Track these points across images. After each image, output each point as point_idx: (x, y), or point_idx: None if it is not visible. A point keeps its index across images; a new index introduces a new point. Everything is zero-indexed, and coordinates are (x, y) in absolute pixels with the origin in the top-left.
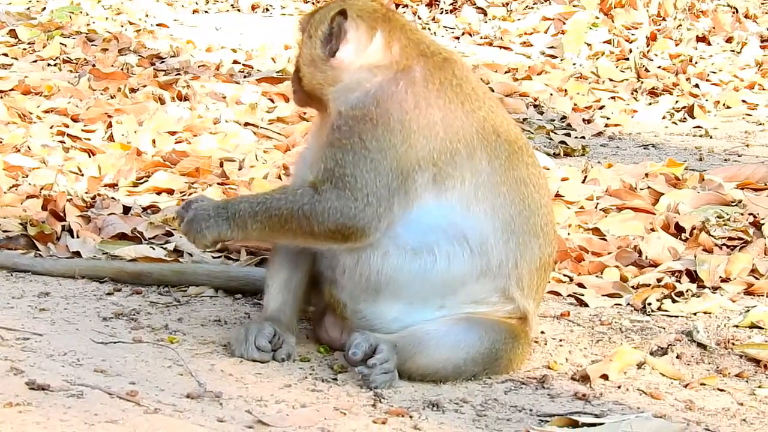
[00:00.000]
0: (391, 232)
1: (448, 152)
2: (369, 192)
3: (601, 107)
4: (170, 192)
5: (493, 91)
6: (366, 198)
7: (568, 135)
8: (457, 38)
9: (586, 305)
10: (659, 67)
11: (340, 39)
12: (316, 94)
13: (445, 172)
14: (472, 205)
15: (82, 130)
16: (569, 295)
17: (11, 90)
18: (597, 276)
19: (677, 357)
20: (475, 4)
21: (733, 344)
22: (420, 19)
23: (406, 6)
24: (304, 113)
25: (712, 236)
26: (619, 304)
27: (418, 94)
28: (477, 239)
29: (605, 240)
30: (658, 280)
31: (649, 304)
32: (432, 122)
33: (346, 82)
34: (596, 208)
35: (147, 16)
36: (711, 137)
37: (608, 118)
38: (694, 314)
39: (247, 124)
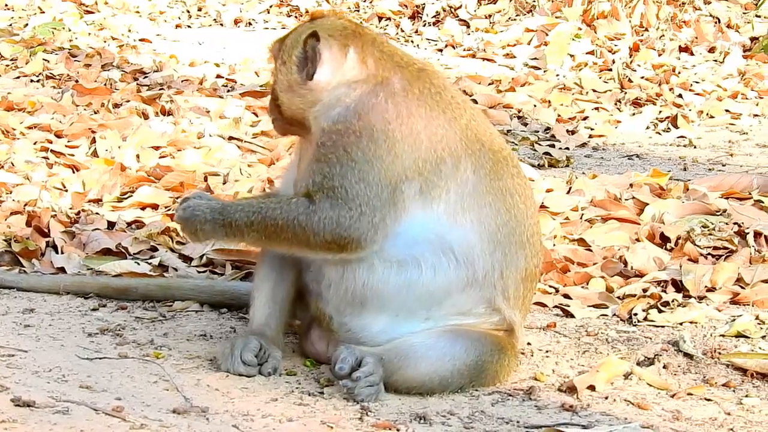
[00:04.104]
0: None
1: (434, 161)
2: (362, 202)
3: (585, 118)
4: (155, 207)
5: (476, 102)
6: (360, 207)
7: (553, 146)
8: (440, 50)
9: (573, 316)
10: (642, 77)
11: (316, 61)
12: (297, 118)
13: (432, 182)
14: (458, 216)
15: (66, 146)
16: (555, 306)
17: None
18: (583, 287)
19: (664, 367)
20: (457, 17)
21: (720, 354)
22: (403, 31)
23: (389, 19)
24: None
25: (698, 246)
26: (605, 315)
27: (398, 104)
28: (463, 250)
29: (591, 251)
30: (644, 291)
31: (635, 314)
32: (415, 131)
33: (326, 100)
34: (581, 218)
35: (130, 31)
36: (695, 147)
37: (592, 129)
38: (680, 324)
39: (231, 138)
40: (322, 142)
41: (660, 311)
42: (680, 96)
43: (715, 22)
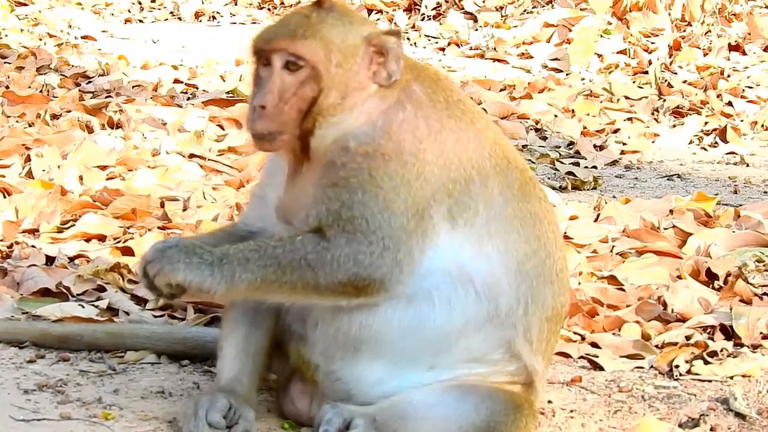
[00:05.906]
0: None
1: (463, 180)
2: (384, 235)
3: (616, 131)
4: (101, 238)
5: (486, 112)
6: (381, 242)
7: (577, 164)
8: (442, 49)
9: (602, 369)
10: (685, 81)
11: (401, 60)
12: (309, 131)
13: (461, 203)
14: (483, 242)
15: None
16: (581, 357)
17: None
18: (614, 333)
19: (711, 429)
20: (463, 9)
21: None
22: (397, 26)
23: (380, 11)
24: None
25: (751, 284)
26: (641, 367)
27: (428, 117)
28: (485, 281)
29: (623, 290)
30: (687, 338)
31: (677, 366)
32: (447, 149)
33: (347, 111)
34: (612, 251)
35: (70, 27)
36: (747, 165)
37: (624, 144)
38: (731, 378)
39: (192, 155)
40: (342, 163)
41: (706, 363)
42: (730, 104)
43: None
